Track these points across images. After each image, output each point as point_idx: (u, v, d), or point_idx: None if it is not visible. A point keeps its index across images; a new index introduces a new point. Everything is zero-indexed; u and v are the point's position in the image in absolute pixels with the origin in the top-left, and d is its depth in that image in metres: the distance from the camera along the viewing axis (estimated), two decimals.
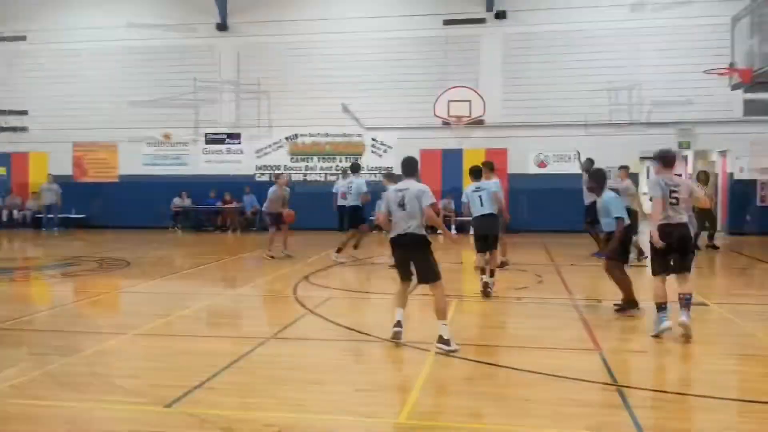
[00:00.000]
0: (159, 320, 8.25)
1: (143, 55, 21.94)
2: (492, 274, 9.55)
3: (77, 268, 13.02)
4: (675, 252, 7.07)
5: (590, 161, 14.68)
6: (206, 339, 7.59)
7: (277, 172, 18.72)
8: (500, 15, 19.94)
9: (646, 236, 8.06)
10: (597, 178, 8.50)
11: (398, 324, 6.82)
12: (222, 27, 21.42)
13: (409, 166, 7.11)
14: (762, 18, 13.27)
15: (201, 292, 10.60)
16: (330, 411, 5.13)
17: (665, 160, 7.27)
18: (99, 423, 4.89)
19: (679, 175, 15.78)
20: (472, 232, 9.98)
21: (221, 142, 21.87)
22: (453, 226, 19.62)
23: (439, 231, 8.00)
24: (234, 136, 21.79)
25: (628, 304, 8.12)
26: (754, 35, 13.53)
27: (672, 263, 7.12)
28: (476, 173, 10.21)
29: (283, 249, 14.26)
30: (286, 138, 21.44)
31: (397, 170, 7.77)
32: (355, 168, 14.24)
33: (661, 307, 7.06)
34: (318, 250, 15.30)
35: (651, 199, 7.25)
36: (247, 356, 6.53)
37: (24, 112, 22.66)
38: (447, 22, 20.24)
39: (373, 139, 20.98)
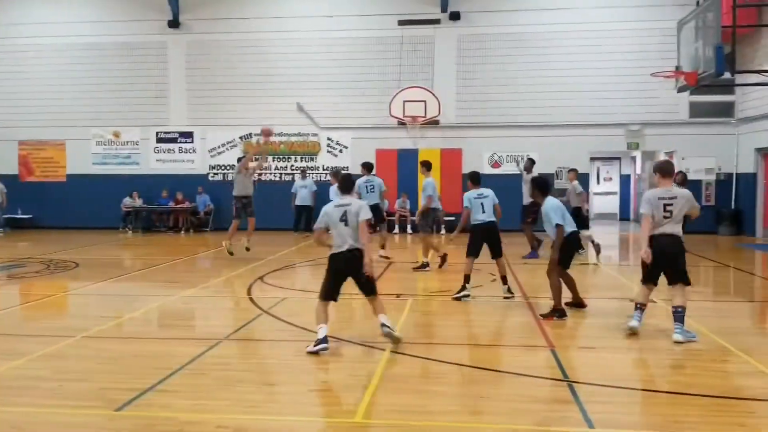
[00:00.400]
0: (109, 322, 8.09)
1: (93, 51, 21.43)
2: (505, 281, 9.49)
3: (23, 269, 12.68)
4: (663, 264, 7.12)
5: (531, 161, 14.92)
6: (158, 341, 7.47)
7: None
8: (454, 16, 20.08)
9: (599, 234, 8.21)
10: (539, 187, 8.47)
11: (324, 340, 6.57)
12: (174, 24, 21.03)
13: (347, 183, 7.26)
14: (706, 23, 13.68)
15: (152, 293, 10.42)
16: (284, 412, 5.12)
17: (663, 171, 7.29)
18: (47, 428, 4.78)
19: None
20: (469, 237, 9.83)
21: (173, 141, 21.52)
22: (408, 226, 19.74)
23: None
24: (186, 135, 21.46)
25: (556, 311, 8.16)
26: (699, 39, 13.93)
27: (665, 275, 7.21)
28: (476, 179, 10.02)
29: (245, 242, 14.01)
30: (240, 137, 21.21)
31: (354, 170, 7.75)
32: (369, 167, 13.60)
33: (637, 306, 7.30)
34: (273, 249, 15.20)
35: (640, 215, 7.26)
36: (200, 358, 6.45)
37: None
38: (402, 23, 20.28)
39: (328, 139, 20.91)
